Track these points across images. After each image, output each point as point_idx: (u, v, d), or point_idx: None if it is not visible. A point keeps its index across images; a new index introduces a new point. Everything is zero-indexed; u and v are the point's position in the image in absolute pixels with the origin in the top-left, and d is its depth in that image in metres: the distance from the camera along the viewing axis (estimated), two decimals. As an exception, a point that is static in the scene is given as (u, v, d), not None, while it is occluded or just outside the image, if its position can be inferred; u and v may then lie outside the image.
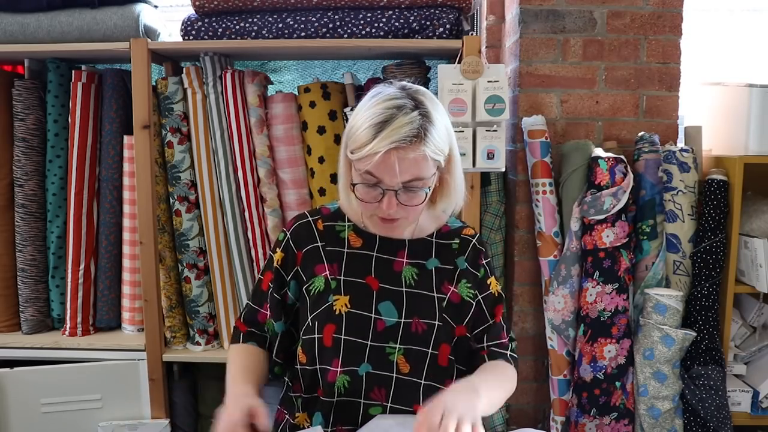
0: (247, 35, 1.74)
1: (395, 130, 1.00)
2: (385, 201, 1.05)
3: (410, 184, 1.05)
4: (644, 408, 1.77)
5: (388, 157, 1.01)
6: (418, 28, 1.73)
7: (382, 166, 1.02)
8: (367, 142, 1.01)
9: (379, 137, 1.00)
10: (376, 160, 1.01)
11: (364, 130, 1.03)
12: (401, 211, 1.07)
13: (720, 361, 1.77)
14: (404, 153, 1.01)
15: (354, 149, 1.04)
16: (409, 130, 1.01)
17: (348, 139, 1.08)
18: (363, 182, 1.06)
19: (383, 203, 1.05)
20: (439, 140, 1.06)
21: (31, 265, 1.88)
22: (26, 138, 1.84)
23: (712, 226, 1.74)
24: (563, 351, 1.81)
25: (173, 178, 1.81)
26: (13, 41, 1.76)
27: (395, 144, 1.00)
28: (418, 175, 1.04)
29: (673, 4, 1.84)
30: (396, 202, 1.05)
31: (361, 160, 1.03)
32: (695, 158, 1.77)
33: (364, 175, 1.05)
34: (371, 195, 1.06)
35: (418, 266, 1.17)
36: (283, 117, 1.81)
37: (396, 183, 1.04)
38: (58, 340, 1.85)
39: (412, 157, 1.02)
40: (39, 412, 1.79)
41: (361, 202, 1.09)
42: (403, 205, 1.06)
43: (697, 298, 1.77)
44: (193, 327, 1.85)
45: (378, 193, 1.05)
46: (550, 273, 1.79)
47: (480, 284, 1.19)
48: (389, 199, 1.05)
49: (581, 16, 1.84)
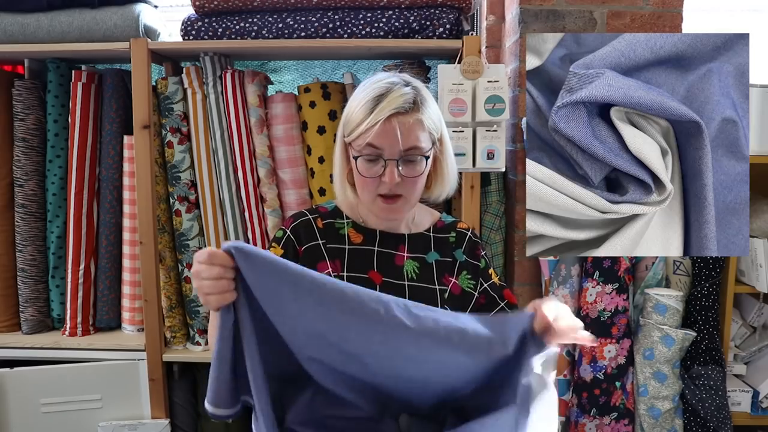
0: (247, 35, 1.74)
1: (393, 99, 1.07)
2: (387, 172, 1.08)
3: (410, 153, 1.08)
4: (644, 408, 1.77)
5: (389, 124, 1.06)
6: (418, 28, 1.73)
7: (383, 135, 1.06)
8: (366, 116, 1.07)
9: (377, 108, 1.06)
10: (377, 129, 1.06)
11: (362, 107, 1.08)
12: (402, 186, 1.10)
13: (720, 361, 1.77)
14: (404, 118, 1.07)
15: (353, 128, 1.09)
16: (405, 99, 1.07)
17: (345, 124, 1.13)
18: (364, 156, 1.09)
19: (385, 175, 1.08)
20: (434, 114, 1.12)
21: (31, 265, 1.88)
22: (26, 138, 1.84)
23: (712, 226, 1.75)
24: (563, 351, 1.81)
25: (173, 178, 1.81)
26: (13, 41, 1.76)
27: (394, 110, 1.06)
28: (417, 143, 1.09)
29: (673, 4, 1.84)
30: (397, 173, 1.08)
31: (361, 135, 1.08)
32: (695, 158, 1.77)
33: (364, 150, 1.09)
34: (373, 170, 1.09)
35: (419, 260, 1.18)
36: (283, 117, 1.81)
37: (397, 152, 1.07)
38: (58, 340, 1.85)
39: (412, 122, 1.07)
40: (39, 412, 1.79)
41: (362, 181, 1.11)
42: (404, 178, 1.09)
43: (697, 298, 1.77)
44: (193, 327, 1.85)
45: (380, 167, 1.09)
46: (550, 273, 1.79)
47: (483, 275, 1.21)
48: (391, 170, 1.08)
49: (581, 16, 1.84)
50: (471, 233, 1.25)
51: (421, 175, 1.12)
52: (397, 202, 1.12)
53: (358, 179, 1.13)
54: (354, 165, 1.12)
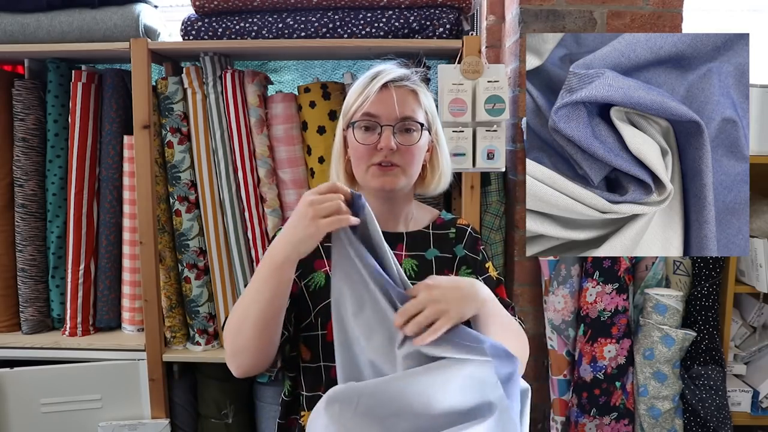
0: (247, 35, 1.74)
1: (389, 72, 1.14)
2: (384, 137, 1.11)
3: (406, 122, 1.12)
4: (644, 408, 1.77)
5: (386, 90, 1.12)
6: (418, 28, 1.73)
7: (379, 102, 1.12)
8: (364, 89, 1.13)
9: (375, 81, 1.13)
10: (373, 98, 1.11)
11: (360, 84, 1.15)
12: (398, 156, 1.12)
13: (720, 361, 1.77)
14: (400, 87, 1.14)
15: (351, 104, 1.15)
16: (401, 73, 1.15)
17: (345, 109, 1.18)
18: (361, 123, 1.13)
19: (381, 141, 1.11)
20: (429, 98, 1.18)
21: (31, 265, 1.88)
22: (26, 138, 1.84)
23: (712, 226, 1.75)
24: (563, 351, 1.81)
25: (173, 178, 1.81)
26: (13, 41, 1.76)
27: (391, 78, 1.13)
28: (413, 114, 1.14)
29: (673, 4, 1.84)
30: (393, 140, 1.10)
31: (359, 107, 1.13)
32: (695, 158, 1.77)
33: (362, 119, 1.13)
34: (370, 138, 1.12)
35: (418, 257, 1.18)
36: (283, 117, 1.81)
37: (394, 118, 1.11)
38: (58, 340, 1.85)
39: (408, 89, 1.14)
40: (39, 412, 1.79)
41: (358, 151, 1.13)
42: (401, 147, 1.11)
43: (697, 298, 1.77)
44: (193, 327, 1.85)
45: (376, 135, 1.12)
46: (550, 273, 1.79)
47: (480, 268, 1.21)
48: (387, 135, 1.11)
49: (581, 16, 1.84)
50: (471, 229, 1.26)
51: (417, 145, 1.14)
52: (392, 170, 1.13)
53: (355, 150, 1.14)
54: (352, 138, 1.14)
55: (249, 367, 1.07)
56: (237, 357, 1.06)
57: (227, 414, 1.87)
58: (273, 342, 1.05)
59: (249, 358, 1.05)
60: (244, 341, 1.02)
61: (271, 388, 1.89)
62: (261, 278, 1.00)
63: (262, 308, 0.99)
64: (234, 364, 1.07)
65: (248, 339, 1.02)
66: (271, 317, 1.01)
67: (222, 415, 1.87)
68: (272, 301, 0.99)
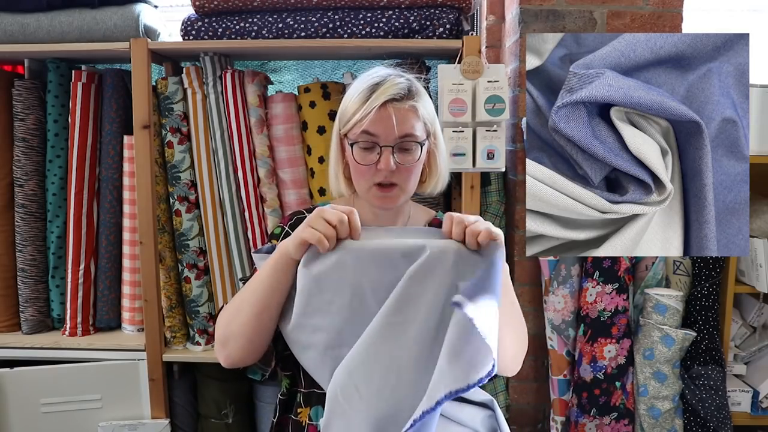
0: (247, 35, 1.74)
1: (387, 88, 1.09)
2: (383, 159, 1.09)
3: (405, 141, 1.10)
4: (644, 408, 1.77)
5: (385, 110, 1.08)
6: (418, 28, 1.73)
7: (378, 122, 1.08)
8: (361, 105, 1.09)
9: (374, 95, 1.09)
10: (372, 116, 1.08)
11: (357, 97, 1.11)
12: (397, 175, 1.11)
13: (720, 361, 1.77)
14: (399, 105, 1.09)
15: (349, 118, 1.11)
16: (400, 88, 1.10)
17: (341, 116, 1.15)
18: (360, 144, 1.10)
19: (381, 162, 1.09)
20: (428, 105, 1.14)
21: (31, 265, 1.88)
22: (26, 138, 1.84)
23: (712, 226, 1.75)
24: (563, 351, 1.81)
25: (173, 178, 1.81)
26: (13, 41, 1.76)
27: (390, 96, 1.08)
28: (412, 131, 1.10)
29: (673, 4, 1.84)
30: (393, 160, 1.09)
31: (357, 124, 1.09)
32: (695, 158, 1.77)
33: (360, 137, 1.10)
34: (369, 158, 1.11)
35: None
36: (283, 117, 1.81)
37: (393, 138, 1.09)
38: (58, 340, 1.85)
39: (407, 108, 1.10)
40: (39, 412, 1.79)
41: (358, 170, 1.12)
42: (400, 166, 1.10)
43: (697, 298, 1.77)
44: (193, 327, 1.85)
45: (375, 155, 1.10)
46: (550, 273, 1.79)
47: None
48: (386, 157, 1.09)
49: (581, 16, 1.84)
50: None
51: (417, 163, 1.13)
52: (392, 191, 1.13)
53: (354, 168, 1.14)
54: (350, 154, 1.13)
55: (238, 356, 1.08)
56: (227, 344, 1.07)
57: (227, 414, 1.87)
58: (266, 331, 1.06)
59: (239, 346, 1.06)
60: (238, 327, 1.04)
61: (270, 388, 1.89)
62: (268, 266, 1.03)
63: (261, 298, 1.02)
64: (223, 353, 1.09)
65: (242, 325, 1.04)
66: (269, 307, 1.03)
67: (222, 415, 1.87)
68: (272, 293, 1.02)
